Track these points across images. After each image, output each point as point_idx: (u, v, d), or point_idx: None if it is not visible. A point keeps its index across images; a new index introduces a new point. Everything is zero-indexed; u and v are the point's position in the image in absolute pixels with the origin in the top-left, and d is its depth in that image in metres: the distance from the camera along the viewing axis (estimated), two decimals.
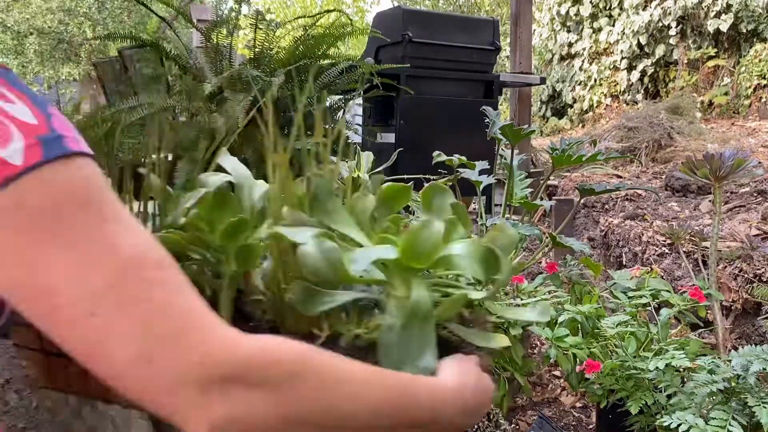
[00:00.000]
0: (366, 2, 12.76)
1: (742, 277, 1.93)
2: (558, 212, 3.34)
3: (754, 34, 7.38)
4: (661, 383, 0.86)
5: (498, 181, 2.37)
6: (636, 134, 5.16)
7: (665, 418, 0.74)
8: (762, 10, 7.22)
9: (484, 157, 2.05)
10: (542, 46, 9.95)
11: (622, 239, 2.78)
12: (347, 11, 8.54)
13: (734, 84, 7.22)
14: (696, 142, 4.95)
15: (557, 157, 1.63)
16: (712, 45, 7.74)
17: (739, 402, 0.74)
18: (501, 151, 2.00)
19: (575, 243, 1.72)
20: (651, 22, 8.09)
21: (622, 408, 0.95)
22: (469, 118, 2.87)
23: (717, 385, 0.74)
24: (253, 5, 10.53)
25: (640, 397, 0.88)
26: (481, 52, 3.55)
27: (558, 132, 9.02)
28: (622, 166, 4.85)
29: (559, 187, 4.48)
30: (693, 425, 0.70)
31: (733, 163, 1.04)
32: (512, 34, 4.06)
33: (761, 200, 2.82)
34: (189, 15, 2.33)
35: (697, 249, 2.04)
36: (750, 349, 0.79)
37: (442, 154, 1.99)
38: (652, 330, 1.15)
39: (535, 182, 3.48)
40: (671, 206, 3.17)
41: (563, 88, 9.54)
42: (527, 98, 4.15)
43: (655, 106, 5.98)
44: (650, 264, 2.41)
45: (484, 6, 11.90)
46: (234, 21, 2.11)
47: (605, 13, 9.03)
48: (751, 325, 1.93)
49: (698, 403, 0.76)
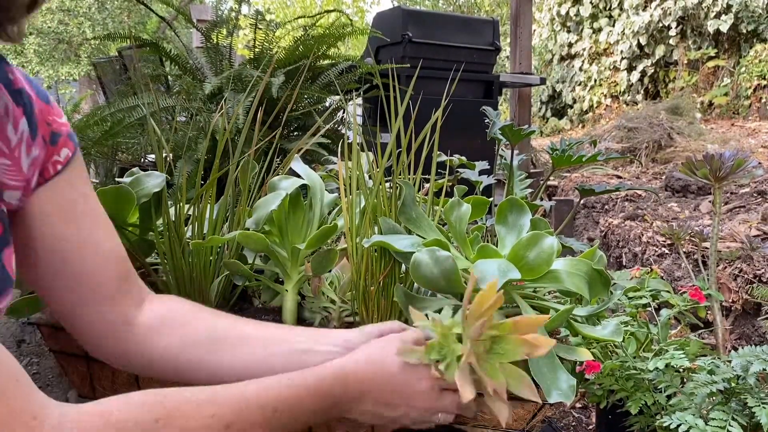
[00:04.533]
0: (366, 2, 12.75)
1: (741, 277, 1.93)
2: (558, 212, 3.34)
3: (754, 35, 7.38)
4: (660, 384, 0.86)
5: (498, 181, 2.37)
6: (636, 135, 5.16)
7: (665, 418, 0.74)
8: (762, 10, 7.22)
9: (484, 157, 2.05)
10: (542, 47, 9.95)
11: (622, 240, 2.78)
12: (347, 11, 8.53)
13: (734, 84, 7.22)
14: (696, 143, 4.95)
15: (557, 158, 1.62)
16: (712, 45, 7.74)
17: (739, 402, 0.74)
18: (501, 152, 1.99)
19: (575, 243, 1.72)
20: (651, 22, 8.08)
21: (622, 408, 0.95)
22: (469, 118, 2.87)
23: (717, 385, 0.74)
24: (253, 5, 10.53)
25: (640, 398, 0.88)
26: (481, 53, 3.55)
27: (558, 132, 9.01)
28: (622, 167, 4.85)
29: (559, 187, 4.48)
30: (693, 426, 0.70)
31: (733, 164, 1.04)
32: (512, 34, 4.06)
33: (761, 201, 2.82)
34: (189, 15, 2.33)
35: (697, 249, 2.04)
36: (750, 350, 0.79)
37: (442, 154, 1.99)
38: (652, 330, 1.15)
39: (535, 182, 3.48)
40: (671, 207, 3.17)
41: (563, 88, 9.54)
42: (527, 98, 4.15)
43: (655, 107, 5.97)
44: (650, 264, 2.41)
45: (484, 6, 11.89)
46: (234, 21, 2.11)
47: (605, 13, 9.02)
48: (751, 325, 1.93)
49: (698, 403, 0.76)
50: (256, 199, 1.04)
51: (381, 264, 0.80)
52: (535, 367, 0.66)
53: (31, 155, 0.64)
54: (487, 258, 0.71)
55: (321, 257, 0.87)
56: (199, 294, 1.01)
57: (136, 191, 0.97)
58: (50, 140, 0.66)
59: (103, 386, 0.97)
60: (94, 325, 0.72)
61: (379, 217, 0.78)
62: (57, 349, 0.99)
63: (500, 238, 0.79)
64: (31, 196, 0.65)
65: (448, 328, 0.66)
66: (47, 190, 0.66)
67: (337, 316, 0.90)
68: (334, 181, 1.26)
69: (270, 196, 0.93)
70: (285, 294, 0.95)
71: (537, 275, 0.69)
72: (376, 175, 0.80)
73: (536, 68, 9.75)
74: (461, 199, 0.84)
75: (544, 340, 0.62)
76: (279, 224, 0.94)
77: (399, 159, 0.85)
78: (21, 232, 0.65)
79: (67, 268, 0.68)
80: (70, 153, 0.69)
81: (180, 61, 2.07)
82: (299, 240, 0.96)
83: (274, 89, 1.79)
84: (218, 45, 2.07)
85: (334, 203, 1.06)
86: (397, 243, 0.71)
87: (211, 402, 0.56)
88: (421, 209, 0.82)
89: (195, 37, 3.60)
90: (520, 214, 0.79)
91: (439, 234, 0.78)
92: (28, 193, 0.65)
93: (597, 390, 0.95)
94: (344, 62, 2.21)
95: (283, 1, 13.28)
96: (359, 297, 0.82)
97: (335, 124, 2.22)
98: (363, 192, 0.85)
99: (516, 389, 0.64)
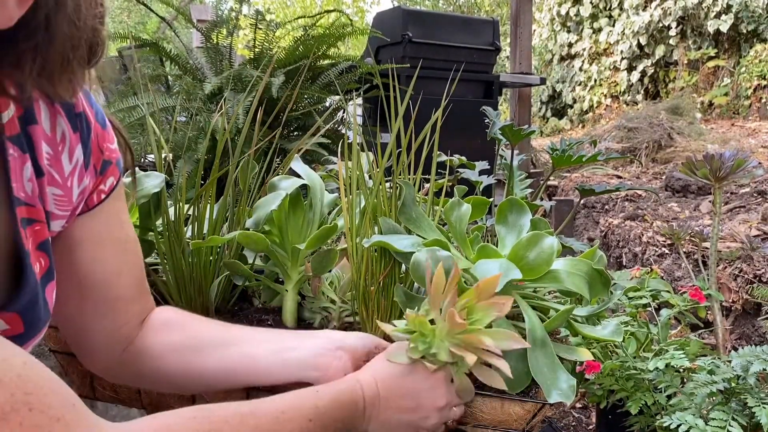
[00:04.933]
0: (366, 2, 12.74)
1: (742, 277, 1.93)
2: (558, 212, 3.34)
3: (755, 35, 7.38)
4: (661, 384, 0.85)
5: (498, 181, 2.36)
6: (636, 135, 5.15)
7: (665, 418, 0.74)
8: (762, 10, 7.22)
9: (484, 157, 2.05)
10: (542, 47, 9.95)
11: (622, 240, 2.78)
12: (347, 11, 8.53)
13: (734, 84, 7.22)
14: (696, 143, 4.95)
15: (557, 158, 1.62)
16: (712, 45, 7.74)
17: (739, 402, 0.74)
18: (501, 152, 1.99)
19: (575, 243, 1.72)
20: (651, 22, 8.08)
21: (622, 408, 0.95)
22: (469, 118, 2.87)
23: (717, 385, 0.74)
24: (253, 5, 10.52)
25: (640, 398, 0.88)
26: (481, 53, 3.55)
27: (558, 132, 9.01)
28: (622, 167, 4.85)
29: (559, 187, 4.48)
30: (693, 426, 0.70)
31: (733, 164, 1.04)
32: (512, 34, 4.06)
33: (761, 201, 2.82)
34: (189, 15, 2.33)
35: (697, 249, 2.04)
36: (750, 350, 0.79)
37: (442, 154, 1.99)
38: (652, 330, 1.15)
39: (535, 182, 3.47)
40: (671, 207, 3.17)
41: (563, 88, 9.54)
42: (527, 98, 4.15)
43: (655, 107, 5.97)
44: (650, 264, 2.41)
45: (484, 6, 11.89)
46: (234, 21, 2.11)
47: (605, 13, 9.02)
48: (751, 325, 1.93)
49: (698, 403, 0.76)
50: (256, 199, 1.04)
51: (381, 264, 0.80)
52: (535, 366, 0.66)
53: (82, 185, 0.63)
54: (488, 258, 0.71)
55: (321, 257, 0.87)
56: (199, 294, 1.00)
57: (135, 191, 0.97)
58: (100, 170, 0.66)
59: (103, 386, 0.97)
60: (97, 340, 0.73)
61: (379, 217, 0.78)
62: (57, 349, 0.99)
63: (500, 238, 0.79)
64: (72, 222, 0.65)
65: (421, 318, 0.68)
66: (88, 217, 0.66)
67: (337, 316, 0.90)
68: (334, 181, 1.26)
69: (270, 196, 0.93)
70: (285, 294, 0.95)
71: (537, 275, 0.69)
72: (376, 175, 0.80)
73: (536, 68, 9.75)
74: (461, 199, 0.84)
75: (504, 298, 0.65)
76: (279, 224, 0.94)
77: (399, 159, 0.85)
78: (59, 256, 0.65)
79: (92, 291, 0.69)
80: (114, 182, 0.68)
81: (180, 61, 2.07)
82: (299, 240, 0.96)
83: (274, 89, 1.79)
84: (218, 45, 2.07)
85: (334, 203, 1.06)
86: (397, 243, 0.71)
87: (253, 414, 0.59)
88: (421, 209, 0.82)
89: (195, 37, 3.60)
90: (520, 214, 0.79)
91: (439, 234, 0.79)
92: (71, 220, 0.64)
93: (597, 390, 0.95)
94: (344, 62, 2.21)
95: (283, 1, 13.26)
96: (359, 297, 0.82)
97: (335, 124, 2.23)
98: (363, 192, 0.85)
99: (506, 345, 0.65)
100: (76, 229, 0.66)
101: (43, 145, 0.58)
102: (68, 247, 0.66)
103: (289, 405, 0.62)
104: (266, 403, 0.61)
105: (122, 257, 0.70)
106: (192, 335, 0.76)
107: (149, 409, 0.94)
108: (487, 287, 0.65)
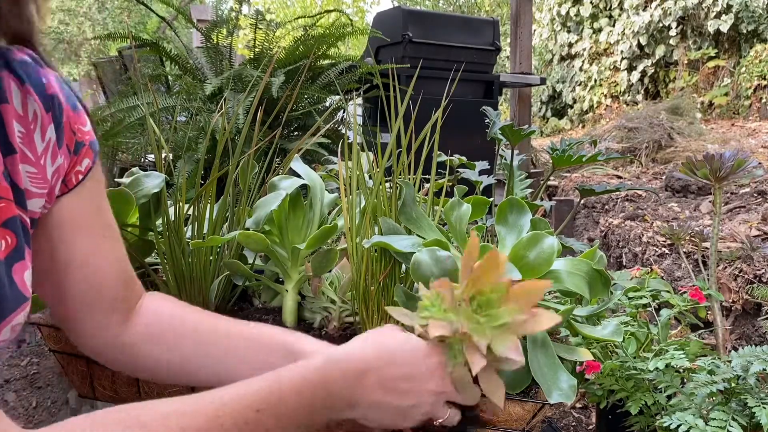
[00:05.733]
0: (366, 2, 12.74)
1: (742, 277, 1.93)
2: (558, 212, 3.34)
3: (755, 35, 7.38)
4: (661, 384, 0.86)
5: (498, 181, 2.36)
6: (636, 135, 5.15)
7: (665, 418, 0.74)
8: (762, 10, 7.22)
9: (484, 157, 2.05)
10: (542, 47, 9.95)
11: (622, 240, 2.78)
12: (347, 11, 8.53)
13: (734, 84, 7.22)
14: (696, 143, 4.95)
15: (557, 158, 1.62)
16: (712, 45, 7.74)
17: (739, 402, 0.74)
18: (501, 152, 1.99)
19: (575, 243, 1.72)
20: (651, 22, 8.08)
21: (622, 408, 0.95)
22: (469, 118, 2.87)
23: (717, 385, 0.74)
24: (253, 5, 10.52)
25: (640, 398, 0.88)
26: (481, 53, 3.55)
27: (558, 132, 9.01)
28: (622, 167, 4.85)
29: (559, 187, 4.48)
30: (693, 426, 0.70)
31: (734, 164, 1.04)
32: (512, 34, 4.06)
33: (761, 201, 2.82)
34: (189, 15, 2.33)
35: (697, 249, 2.04)
36: (750, 350, 0.79)
37: (442, 154, 1.99)
38: (652, 330, 1.15)
39: (535, 182, 3.48)
40: (671, 207, 3.17)
41: (563, 88, 9.54)
42: (527, 99, 4.15)
43: (655, 107, 5.97)
44: (650, 264, 2.41)
45: (484, 6, 11.89)
46: (234, 21, 2.11)
47: (605, 13, 9.02)
48: (751, 325, 1.93)
49: (698, 403, 0.76)
50: (256, 199, 1.04)
51: (381, 264, 0.80)
52: (535, 366, 0.66)
53: (55, 163, 0.64)
54: None
55: (321, 257, 0.87)
56: (199, 294, 1.01)
57: (135, 192, 0.97)
58: (74, 150, 0.67)
59: (103, 386, 0.97)
60: (93, 330, 0.73)
61: (379, 217, 0.78)
62: (57, 349, 0.99)
63: (500, 238, 0.79)
64: (53, 204, 0.66)
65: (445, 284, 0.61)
66: (67, 198, 0.67)
67: (337, 316, 0.90)
68: (334, 181, 1.26)
69: (270, 196, 0.93)
70: (285, 294, 0.95)
71: (537, 275, 0.69)
72: (376, 175, 0.80)
73: (536, 68, 9.74)
74: (461, 199, 0.84)
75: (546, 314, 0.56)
76: (279, 224, 0.94)
77: (399, 159, 0.85)
78: (40, 238, 0.66)
79: (73, 276, 0.69)
80: (90, 163, 0.69)
81: (180, 61, 2.07)
82: (299, 240, 0.96)
83: (274, 89, 1.79)
84: (218, 45, 2.07)
85: (334, 203, 1.06)
86: (397, 243, 0.71)
87: (180, 412, 0.54)
88: (421, 209, 0.82)
89: (195, 37, 3.61)
90: (520, 214, 0.79)
91: (439, 234, 0.79)
92: (51, 200, 0.65)
93: (597, 390, 0.95)
94: (344, 62, 2.21)
95: (283, 1, 13.27)
96: (359, 297, 0.82)
97: (335, 124, 2.22)
98: (363, 192, 0.85)
99: (504, 351, 0.58)
100: (57, 211, 0.66)
101: (15, 124, 0.59)
102: (49, 229, 0.67)
103: (232, 395, 0.56)
104: (205, 396, 0.56)
105: (102, 242, 0.70)
106: (187, 323, 0.76)
107: None
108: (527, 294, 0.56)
